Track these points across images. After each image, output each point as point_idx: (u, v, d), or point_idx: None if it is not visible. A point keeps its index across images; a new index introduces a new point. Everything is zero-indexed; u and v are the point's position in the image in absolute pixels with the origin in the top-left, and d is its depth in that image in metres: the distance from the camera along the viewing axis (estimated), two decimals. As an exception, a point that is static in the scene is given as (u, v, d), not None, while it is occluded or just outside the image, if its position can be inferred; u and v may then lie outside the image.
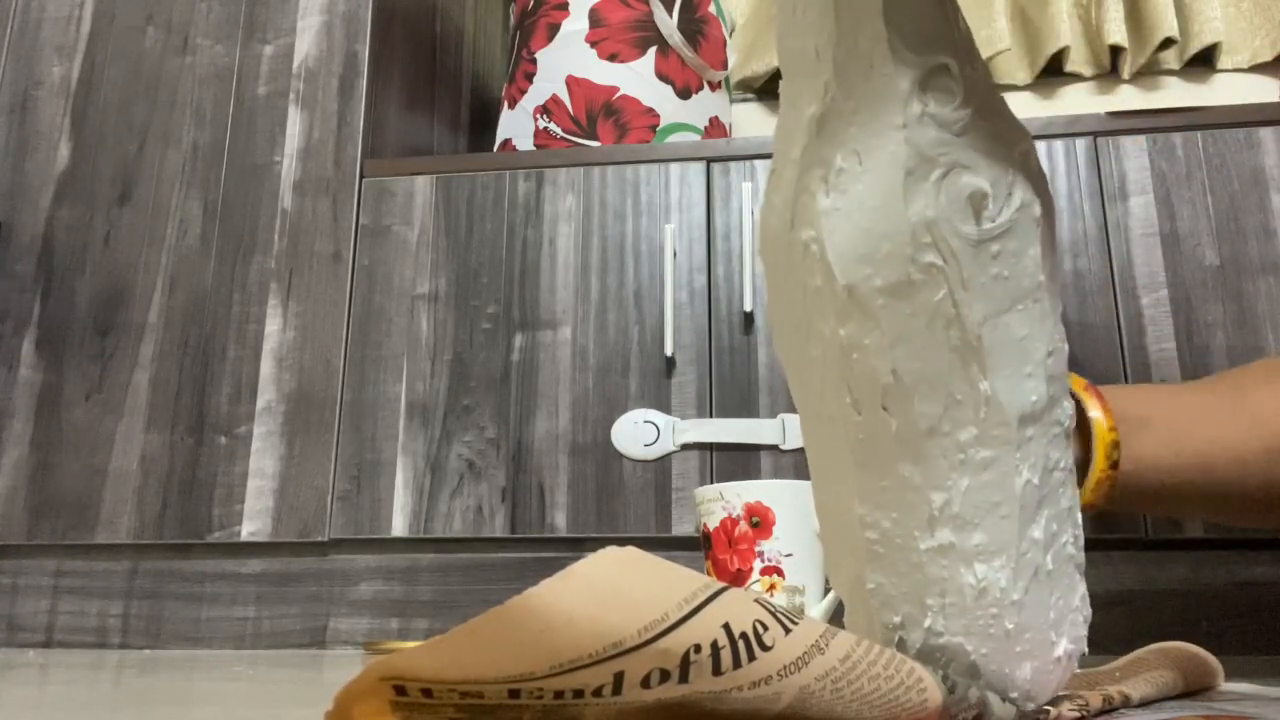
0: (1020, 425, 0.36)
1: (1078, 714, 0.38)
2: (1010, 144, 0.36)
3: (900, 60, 0.34)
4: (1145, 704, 0.44)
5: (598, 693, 0.26)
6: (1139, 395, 0.57)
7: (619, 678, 0.26)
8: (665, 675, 0.27)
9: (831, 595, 0.71)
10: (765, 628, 0.29)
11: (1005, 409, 0.36)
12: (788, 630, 0.29)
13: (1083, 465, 0.54)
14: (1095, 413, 0.53)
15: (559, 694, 0.26)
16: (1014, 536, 0.36)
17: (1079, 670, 0.51)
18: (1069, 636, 0.38)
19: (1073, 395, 0.54)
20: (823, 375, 0.36)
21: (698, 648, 0.27)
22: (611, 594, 0.27)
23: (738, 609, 0.28)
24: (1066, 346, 0.39)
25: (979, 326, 0.35)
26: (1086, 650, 0.39)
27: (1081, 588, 0.39)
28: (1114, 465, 0.53)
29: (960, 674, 0.36)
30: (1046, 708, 0.37)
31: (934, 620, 0.36)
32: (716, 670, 0.27)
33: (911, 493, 0.35)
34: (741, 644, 0.28)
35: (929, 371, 0.35)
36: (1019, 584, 0.36)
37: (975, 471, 0.36)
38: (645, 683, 0.27)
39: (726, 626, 0.28)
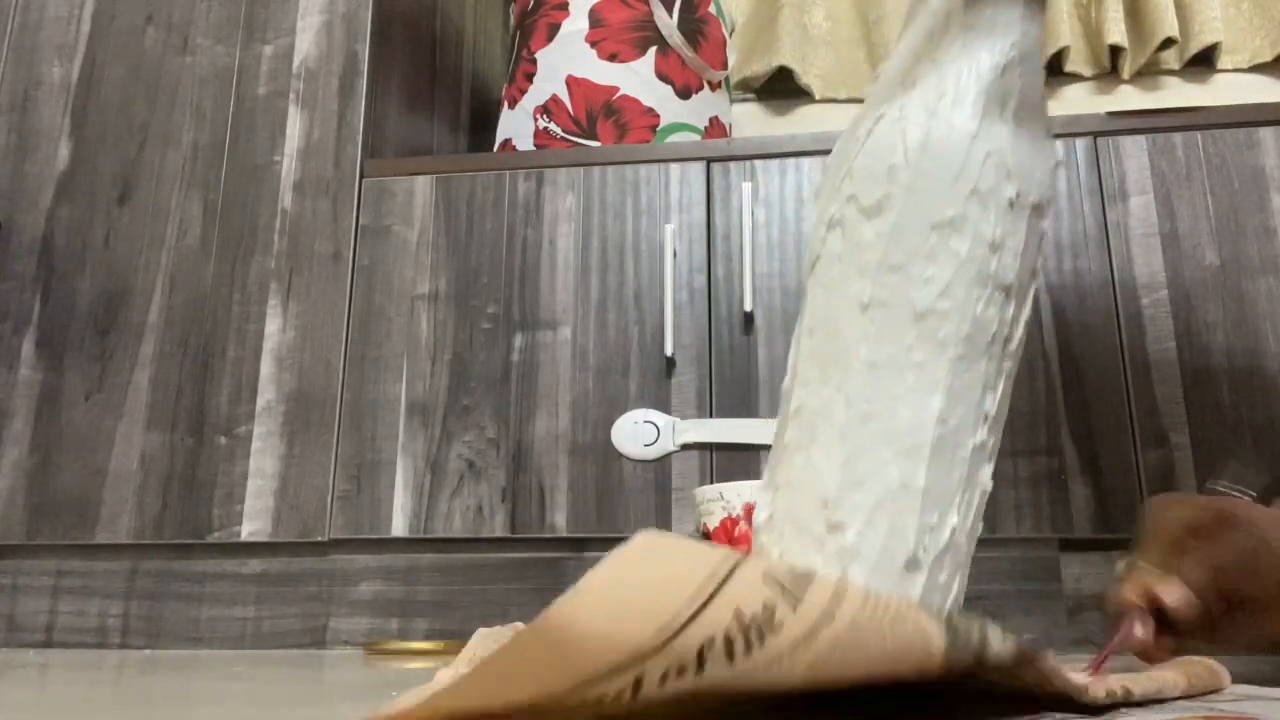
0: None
1: (1079, 684, 0.38)
2: None
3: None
4: (1146, 701, 0.44)
5: (618, 696, 0.27)
6: None
7: (639, 681, 0.27)
8: (682, 671, 0.27)
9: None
10: (774, 608, 0.29)
11: (1024, 336, 0.45)
12: (795, 607, 0.29)
13: None
14: None
15: (581, 702, 0.27)
16: (1000, 441, 0.43)
17: (1082, 667, 0.51)
18: None
19: None
20: (959, 269, 0.41)
21: (711, 642, 0.28)
22: (623, 603, 0.27)
23: (747, 589, 0.29)
24: None
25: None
26: None
27: None
28: None
29: (954, 570, 0.41)
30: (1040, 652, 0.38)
31: (959, 518, 0.41)
32: (730, 658, 0.28)
33: (979, 390, 0.41)
34: (753, 631, 0.28)
35: (1024, 283, 0.42)
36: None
37: (1008, 379, 0.43)
38: (663, 680, 0.27)
39: (738, 613, 0.28)
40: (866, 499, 0.40)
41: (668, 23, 1.27)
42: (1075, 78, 1.52)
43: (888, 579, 0.40)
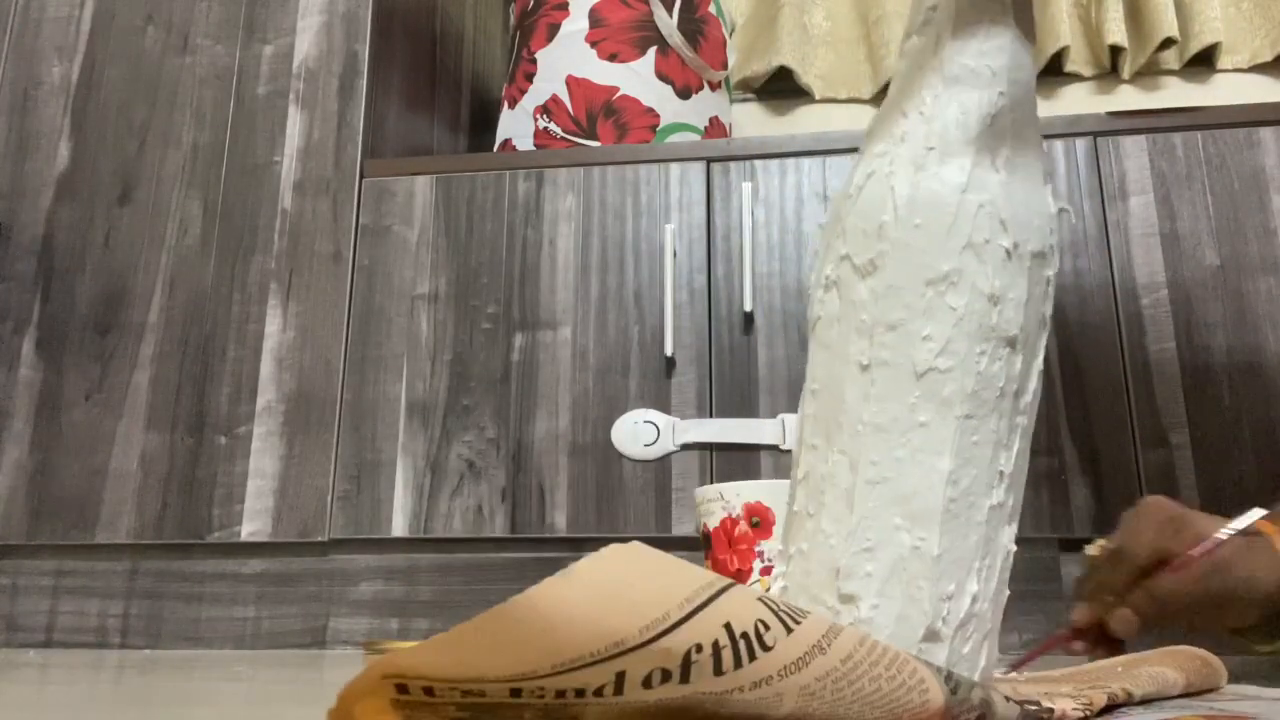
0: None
1: (1081, 714, 0.38)
2: None
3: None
4: (1147, 701, 0.44)
5: (599, 692, 0.26)
6: None
7: (620, 677, 0.26)
8: (666, 675, 0.27)
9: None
10: (767, 627, 0.28)
11: (1038, 388, 0.42)
12: (790, 630, 0.29)
13: None
14: None
15: (560, 693, 0.26)
16: (1020, 501, 0.41)
17: (1083, 667, 0.51)
18: None
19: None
20: (957, 324, 0.40)
21: (699, 648, 0.27)
22: (614, 593, 0.27)
23: (740, 608, 0.28)
24: None
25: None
26: None
27: None
28: None
29: (980, 641, 0.39)
30: (1049, 706, 0.37)
31: (980, 585, 0.39)
32: (718, 670, 0.27)
33: (991, 448, 0.40)
34: (742, 644, 0.28)
35: (1032, 334, 0.41)
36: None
37: (1022, 436, 0.41)
38: (647, 682, 0.27)
39: (728, 626, 0.28)
40: (878, 568, 0.39)
41: (668, 23, 1.27)
42: (1075, 78, 1.52)
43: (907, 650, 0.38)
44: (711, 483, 0.97)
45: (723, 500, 0.71)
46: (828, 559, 0.40)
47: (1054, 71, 1.51)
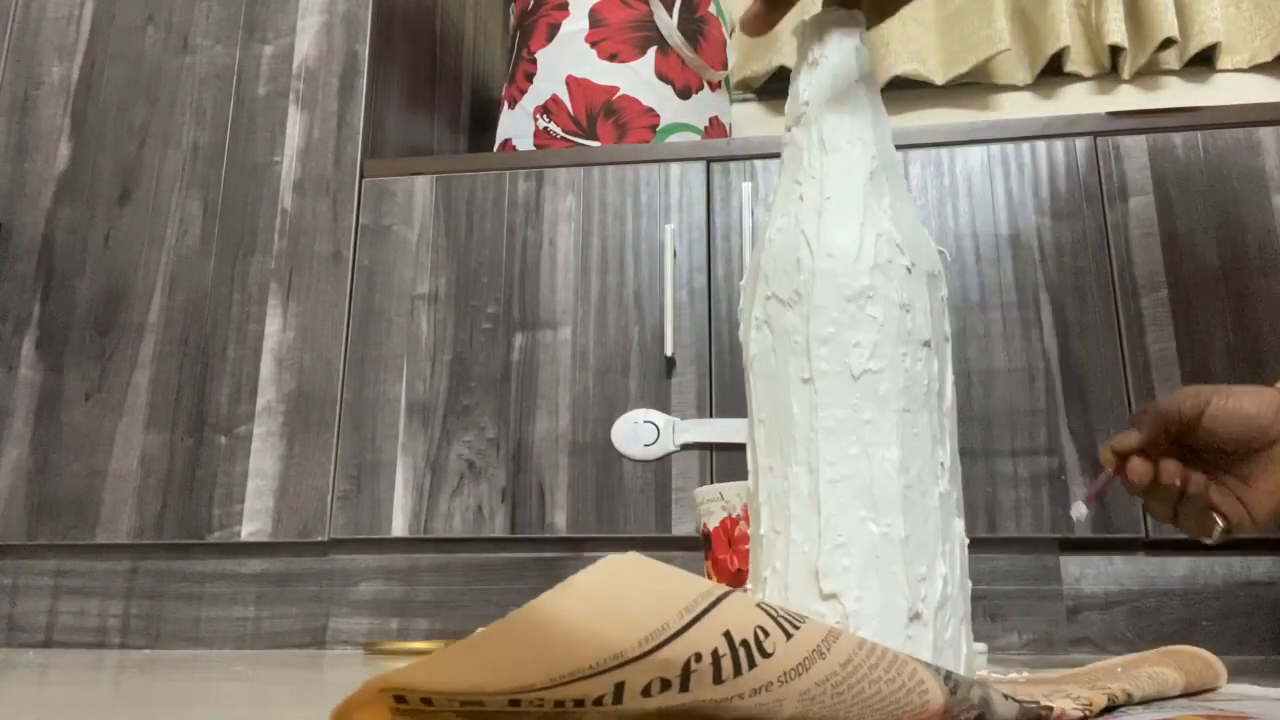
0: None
1: (1081, 713, 0.38)
2: None
3: None
4: (1146, 702, 0.44)
5: (598, 701, 0.27)
6: None
7: (619, 687, 0.26)
8: (666, 684, 0.27)
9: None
10: (766, 634, 0.29)
11: (954, 398, 0.48)
12: (789, 635, 0.29)
13: None
14: None
15: (559, 703, 0.26)
16: (962, 497, 0.46)
17: (1082, 668, 0.52)
18: None
19: None
20: (880, 330, 0.45)
21: (698, 656, 0.27)
22: (612, 604, 0.27)
23: (739, 615, 0.28)
24: None
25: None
26: None
27: None
28: None
29: (958, 626, 0.42)
30: (1049, 705, 0.37)
31: (946, 568, 0.43)
32: (717, 678, 0.27)
33: (930, 442, 0.44)
34: (742, 651, 0.28)
35: (939, 339, 0.46)
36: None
37: (952, 437, 0.46)
38: (646, 691, 0.27)
39: (728, 634, 0.28)
40: (854, 561, 0.42)
41: (668, 23, 1.27)
42: (1075, 78, 1.52)
43: (895, 636, 0.41)
44: (711, 483, 0.97)
45: (723, 500, 0.71)
46: (804, 565, 0.43)
47: (1054, 71, 1.51)
